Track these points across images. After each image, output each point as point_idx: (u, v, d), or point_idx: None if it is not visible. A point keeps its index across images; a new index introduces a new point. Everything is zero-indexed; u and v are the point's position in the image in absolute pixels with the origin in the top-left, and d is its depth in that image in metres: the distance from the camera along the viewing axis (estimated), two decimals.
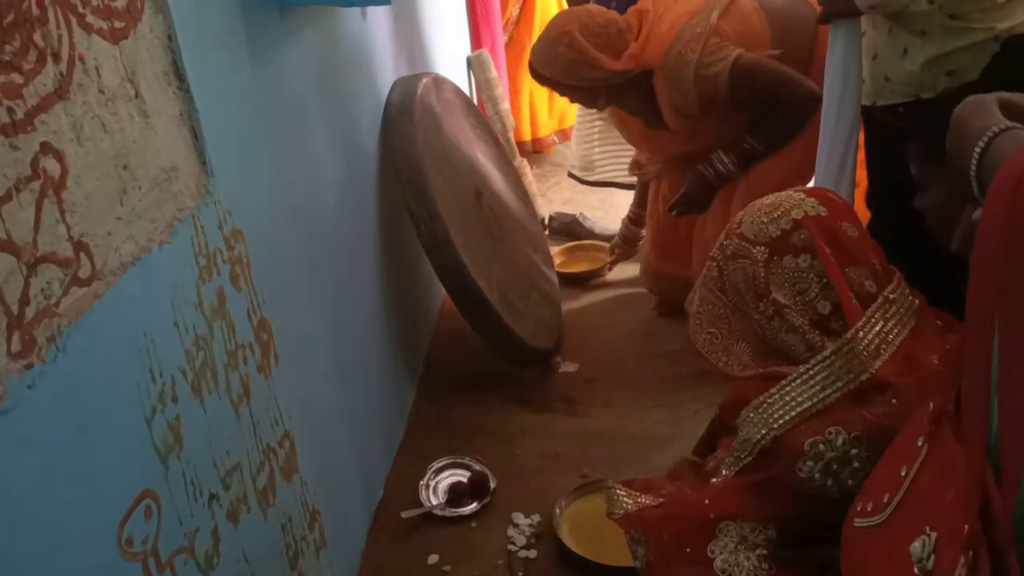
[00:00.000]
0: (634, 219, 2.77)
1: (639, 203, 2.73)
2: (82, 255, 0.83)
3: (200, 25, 1.13)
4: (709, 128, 2.19)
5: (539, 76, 2.24)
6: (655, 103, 2.17)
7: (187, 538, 1.00)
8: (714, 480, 1.31)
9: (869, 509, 0.96)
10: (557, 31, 2.16)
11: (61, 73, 0.82)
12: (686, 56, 2.05)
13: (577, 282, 2.92)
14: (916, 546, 0.85)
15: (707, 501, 1.25)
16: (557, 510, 1.84)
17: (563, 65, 2.15)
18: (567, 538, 1.77)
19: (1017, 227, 0.74)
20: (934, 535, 0.84)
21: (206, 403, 1.07)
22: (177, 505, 0.98)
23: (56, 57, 0.81)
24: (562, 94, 2.29)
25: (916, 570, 0.84)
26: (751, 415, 1.22)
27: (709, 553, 1.20)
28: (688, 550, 1.23)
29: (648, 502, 1.35)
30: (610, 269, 2.90)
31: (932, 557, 0.83)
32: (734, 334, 1.33)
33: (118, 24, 0.92)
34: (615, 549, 1.69)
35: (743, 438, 1.23)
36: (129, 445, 0.90)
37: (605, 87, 2.17)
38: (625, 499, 1.38)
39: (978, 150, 0.86)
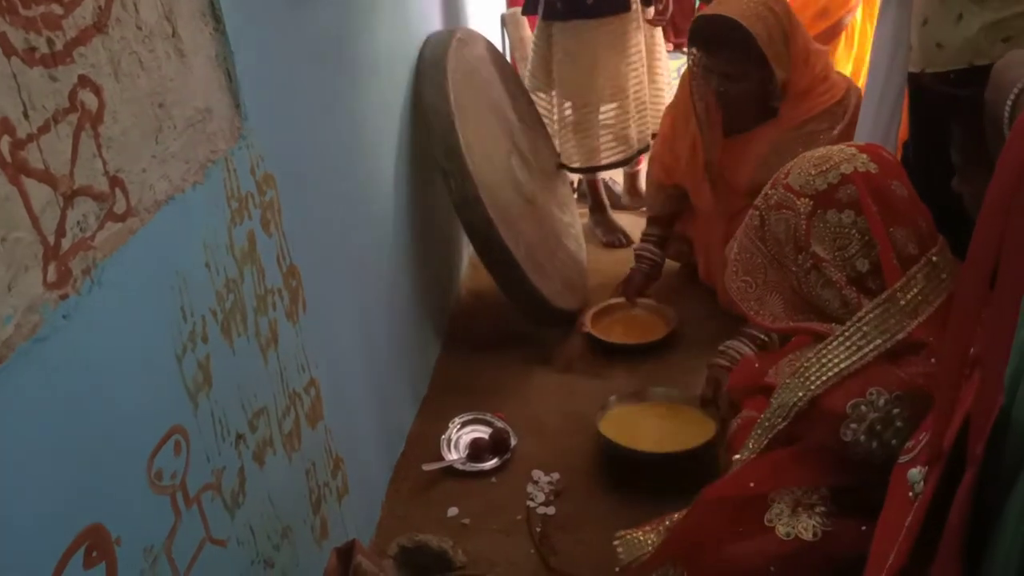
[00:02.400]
0: (658, 241, 2.46)
1: (661, 224, 2.47)
2: (117, 190, 0.84)
3: None
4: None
5: (710, 20, 2.04)
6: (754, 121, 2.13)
7: (214, 475, 1.02)
8: (738, 456, 1.30)
9: (910, 446, 0.98)
10: None
11: (100, 7, 0.81)
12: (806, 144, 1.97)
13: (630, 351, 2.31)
14: (914, 472, 0.88)
15: (752, 484, 1.23)
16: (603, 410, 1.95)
17: (755, 14, 1.97)
18: (606, 430, 1.87)
19: None
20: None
21: (235, 345, 1.08)
22: (205, 443, 1.00)
23: None
24: (712, 56, 2.07)
25: (910, 495, 0.87)
26: (787, 381, 1.21)
27: (767, 522, 1.18)
28: (741, 529, 1.21)
29: (668, 524, 1.35)
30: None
31: (922, 483, 0.87)
32: (769, 285, 1.32)
33: None
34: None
35: (779, 403, 1.21)
36: (160, 381, 0.91)
37: (758, 80, 2.04)
38: (642, 537, 1.38)
39: (1011, 99, 0.85)
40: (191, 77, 0.98)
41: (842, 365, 1.16)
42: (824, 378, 1.16)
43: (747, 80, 2.04)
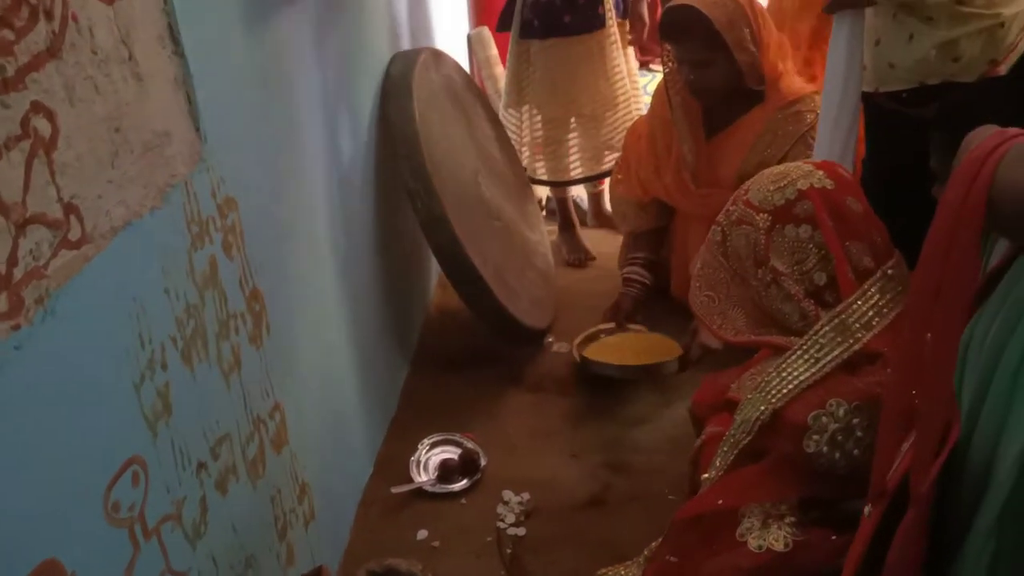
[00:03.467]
0: (645, 263, 2.45)
1: (649, 247, 2.47)
2: (72, 217, 0.82)
3: None
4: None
5: (673, 11, 2.12)
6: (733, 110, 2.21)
7: (175, 506, 1.00)
8: (706, 476, 1.31)
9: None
10: None
11: (53, 32, 0.80)
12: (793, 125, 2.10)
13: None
14: (868, 509, 0.93)
15: (720, 501, 1.24)
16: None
17: (714, 2, 2.06)
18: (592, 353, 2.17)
19: (968, 210, 0.76)
20: None
21: (196, 372, 1.07)
22: (165, 473, 0.98)
23: (48, 15, 0.79)
24: (678, 45, 2.17)
25: None
26: (749, 396, 1.23)
27: (739, 537, 1.19)
28: (714, 547, 1.22)
29: (647, 555, 1.36)
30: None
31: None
32: (732, 299, 1.35)
33: None
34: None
35: (742, 419, 1.23)
36: (117, 411, 0.89)
37: (725, 65, 2.10)
38: (623, 572, 1.39)
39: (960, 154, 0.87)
40: (149, 101, 0.97)
41: (801, 378, 1.18)
42: (785, 391, 1.19)
43: (715, 66, 2.11)
